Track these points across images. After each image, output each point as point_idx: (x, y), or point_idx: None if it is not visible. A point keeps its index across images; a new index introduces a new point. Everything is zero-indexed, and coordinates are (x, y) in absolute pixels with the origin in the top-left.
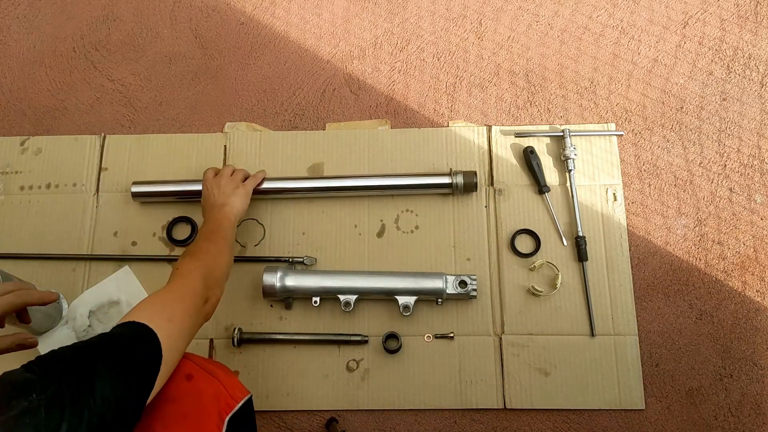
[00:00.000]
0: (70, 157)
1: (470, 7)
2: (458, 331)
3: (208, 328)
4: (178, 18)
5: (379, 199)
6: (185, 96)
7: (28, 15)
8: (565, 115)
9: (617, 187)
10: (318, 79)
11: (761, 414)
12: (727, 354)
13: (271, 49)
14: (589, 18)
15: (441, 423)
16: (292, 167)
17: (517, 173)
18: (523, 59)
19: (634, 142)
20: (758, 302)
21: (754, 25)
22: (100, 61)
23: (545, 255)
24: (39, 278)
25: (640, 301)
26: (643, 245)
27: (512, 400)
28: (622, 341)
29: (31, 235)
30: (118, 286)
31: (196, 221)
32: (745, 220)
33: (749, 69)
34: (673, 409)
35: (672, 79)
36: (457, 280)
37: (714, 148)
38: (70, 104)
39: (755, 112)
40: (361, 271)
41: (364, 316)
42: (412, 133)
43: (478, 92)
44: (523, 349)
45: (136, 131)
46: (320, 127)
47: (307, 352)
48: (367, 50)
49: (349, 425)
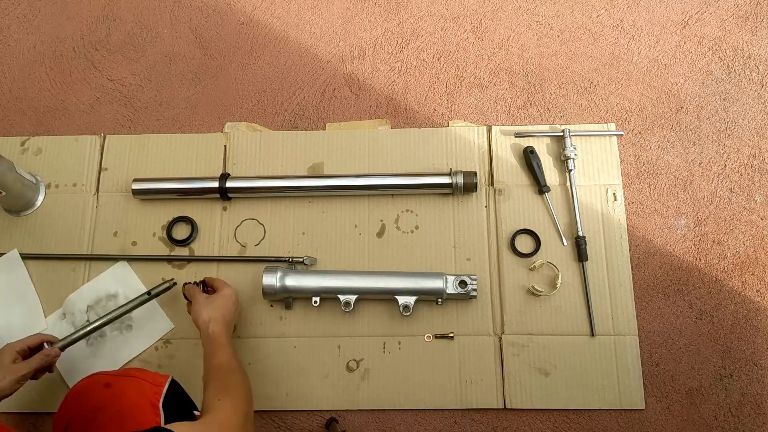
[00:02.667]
0: (70, 157)
1: (469, 8)
2: (458, 331)
3: None
4: (178, 18)
5: (379, 199)
6: (185, 96)
7: (28, 15)
8: (564, 116)
9: (617, 187)
10: (318, 79)
11: (761, 414)
12: (727, 354)
13: (271, 49)
14: (588, 18)
15: (441, 423)
16: (292, 167)
17: (517, 173)
18: (522, 59)
19: (633, 142)
20: (758, 302)
21: (754, 25)
22: (100, 61)
23: (545, 255)
24: (39, 278)
25: (640, 301)
26: (643, 245)
27: (512, 400)
28: (622, 341)
29: (31, 234)
30: (116, 280)
31: (196, 221)
32: (745, 220)
33: (749, 69)
34: (673, 409)
35: (671, 79)
36: (457, 280)
37: (714, 148)
38: (70, 104)
39: (755, 112)
40: (361, 271)
41: (364, 316)
42: (412, 133)
43: (477, 92)
44: (523, 349)
45: (136, 131)
46: (320, 127)
47: (307, 352)
48: (367, 50)
49: (349, 425)
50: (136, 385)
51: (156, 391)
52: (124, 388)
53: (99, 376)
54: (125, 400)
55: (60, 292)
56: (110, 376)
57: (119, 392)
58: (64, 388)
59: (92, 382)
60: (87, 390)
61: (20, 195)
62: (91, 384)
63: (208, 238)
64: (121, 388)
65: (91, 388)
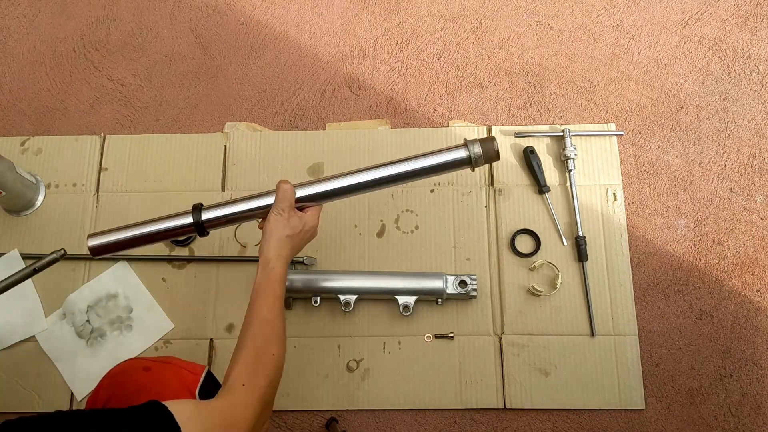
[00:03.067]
0: (70, 157)
1: (469, 8)
2: (458, 331)
3: (208, 328)
4: (178, 18)
5: (379, 199)
6: (185, 96)
7: (28, 15)
8: (564, 116)
9: (617, 187)
10: (318, 79)
11: (761, 414)
12: (727, 354)
13: (271, 49)
14: (588, 18)
15: (441, 423)
16: (292, 167)
17: (517, 173)
18: (522, 59)
19: (633, 142)
20: (758, 302)
21: (754, 25)
22: (100, 61)
23: (545, 255)
24: (39, 278)
25: (640, 301)
26: (643, 245)
27: (512, 400)
28: (622, 341)
29: (31, 234)
30: (116, 280)
31: None
32: (745, 220)
33: (749, 69)
34: (673, 409)
35: (671, 79)
36: (457, 280)
37: (714, 148)
38: (70, 104)
39: (755, 112)
40: (361, 271)
41: (364, 316)
42: (412, 133)
43: (477, 92)
44: (523, 349)
45: (136, 131)
46: (320, 127)
47: (307, 352)
48: (367, 50)
49: (349, 425)
50: (175, 372)
51: (194, 380)
52: (163, 373)
53: (138, 361)
54: (165, 385)
55: (60, 292)
56: (150, 361)
57: (159, 376)
58: (64, 389)
59: (132, 366)
60: (127, 372)
61: (20, 195)
62: (130, 367)
63: (208, 238)
64: (161, 372)
65: (131, 371)
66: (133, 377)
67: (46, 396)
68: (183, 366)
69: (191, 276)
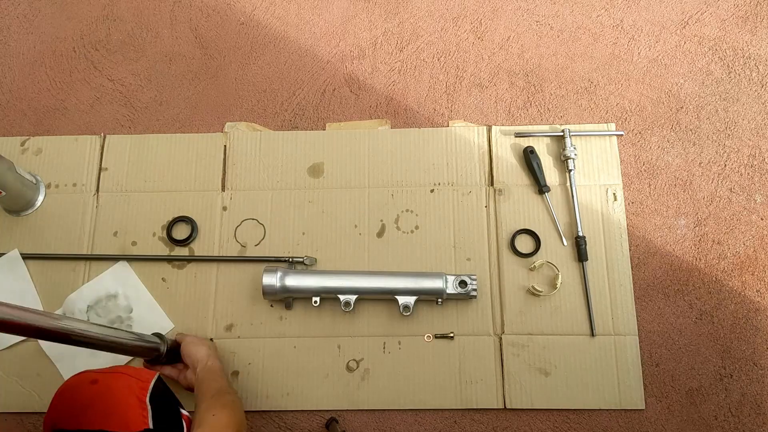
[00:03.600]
0: (70, 157)
1: (469, 8)
2: (458, 331)
3: (208, 328)
4: (178, 18)
5: (379, 199)
6: (185, 96)
7: (28, 15)
8: (564, 116)
9: (617, 187)
10: (318, 79)
11: (761, 414)
12: (727, 354)
13: (271, 49)
14: (588, 18)
15: (441, 423)
16: (292, 167)
17: (517, 173)
18: (522, 59)
19: (633, 142)
20: (758, 302)
21: (754, 25)
22: (100, 61)
23: (545, 255)
24: (39, 278)
25: (640, 301)
26: (643, 245)
27: (512, 400)
28: (622, 341)
29: (31, 234)
30: (116, 280)
31: (196, 221)
32: (744, 220)
33: (749, 69)
34: (673, 409)
35: (671, 79)
36: (457, 280)
37: (713, 148)
38: (70, 104)
39: (755, 112)
40: (361, 271)
41: (364, 316)
42: (412, 133)
43: (477, 92)
44: (523, 349)
45: (136, 131)
46: (320, 127)
47: (307, 352)
48: (367, 50)
49: (349, 425)
50: (123, 381)
51: (143, 387)
52: (110, 384)
53: (86, 374)
54: (112, 396)
55: (60, 292)
56: (97, 373)
57: (106, 388)
58: None
59: (79, 380)
60: (74, 387)
61: (20, 195)
62: (77, 382)
63: (208, 238)
64: (108, 384)
65: (78, 386)
66: (82, 392)
67: (46, 396)
68: (132, 374)
69: (191, 276)
